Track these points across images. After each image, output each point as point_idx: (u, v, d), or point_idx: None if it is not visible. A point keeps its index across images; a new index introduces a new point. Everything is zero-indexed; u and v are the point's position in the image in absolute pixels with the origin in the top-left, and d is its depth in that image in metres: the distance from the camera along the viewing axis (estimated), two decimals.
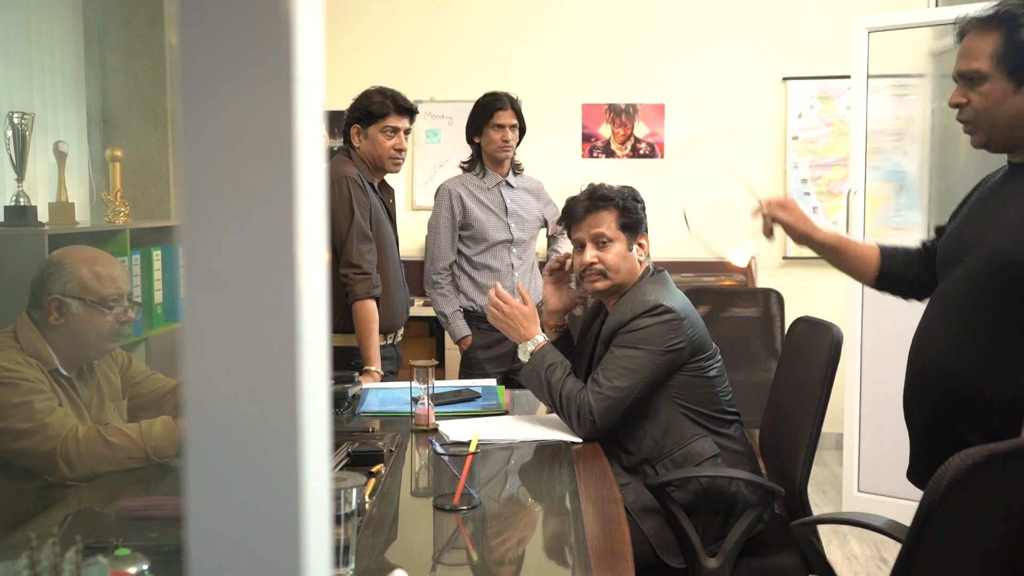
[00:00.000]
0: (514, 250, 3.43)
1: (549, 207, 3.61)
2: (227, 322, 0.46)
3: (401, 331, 3.17)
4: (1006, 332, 1.65)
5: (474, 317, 3.40)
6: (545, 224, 3.64)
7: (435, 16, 5.21)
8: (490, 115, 3.34)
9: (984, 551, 1.36)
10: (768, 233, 2.07)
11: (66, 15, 3.75)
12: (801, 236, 2.06)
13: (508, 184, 3.46)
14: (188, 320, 0.47)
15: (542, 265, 3.67)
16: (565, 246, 3.67)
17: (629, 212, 2.35)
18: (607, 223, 2.34)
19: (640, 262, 2.38)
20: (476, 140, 3.42)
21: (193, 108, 0.46)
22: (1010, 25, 1.62)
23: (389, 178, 3.14)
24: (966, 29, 1.73)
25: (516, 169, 3.51)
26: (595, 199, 2.36)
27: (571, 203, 2.41)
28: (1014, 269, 1.64)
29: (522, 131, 3.42)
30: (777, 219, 2.04)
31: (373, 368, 2.89)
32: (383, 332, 2.98)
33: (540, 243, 3.73)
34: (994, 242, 1.70)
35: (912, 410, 1.88)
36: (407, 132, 3.00)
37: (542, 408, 2.58)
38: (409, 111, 2.98)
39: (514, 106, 3.36)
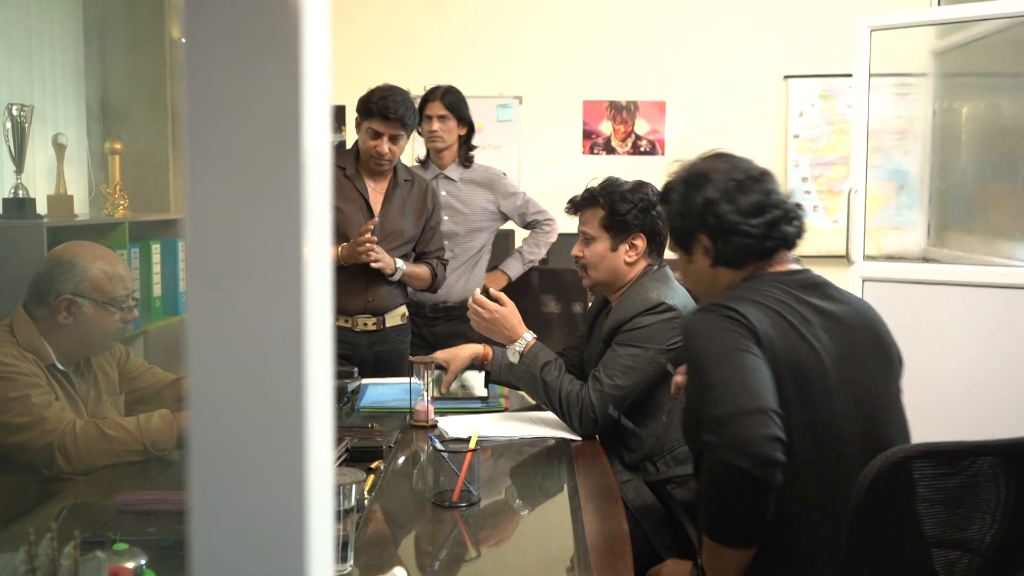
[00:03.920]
0: (445, 243, 3.27)
1: (509, 200, 3.48)
2: (231, 316, 0.46)
3: (363, 319, 2.97)
4: None
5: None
6: (505, 218, 3.53)
7: (436, 13, 5.20)
8: (422, 107, 3.35)
9: (912, 540, 1.46)
10: None
11: (67, 9, 3.74)
12: None
13: (447, 177, 3.41)
14: (191, 314, 0.46)
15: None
16: (544, 240, 3.58)
17: (616, 212, 2.31)
18: (590, 221, 2.35)
19: (629, 263, 2.34)
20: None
21: (199, 99, 0.45)
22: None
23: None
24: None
25: (466, 162, 3.44)
26: (584, 196, 2.38)
27: (575, 196, 2.42)
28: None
29: (469, 125, 3.38)
30: None
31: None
32: (337, 313, 2.89)
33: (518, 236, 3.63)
34: None
35: None
36: (395, 139, 2.87)
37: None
38: (399, 121, 2.83)
39: (445, 99, 3.32)
